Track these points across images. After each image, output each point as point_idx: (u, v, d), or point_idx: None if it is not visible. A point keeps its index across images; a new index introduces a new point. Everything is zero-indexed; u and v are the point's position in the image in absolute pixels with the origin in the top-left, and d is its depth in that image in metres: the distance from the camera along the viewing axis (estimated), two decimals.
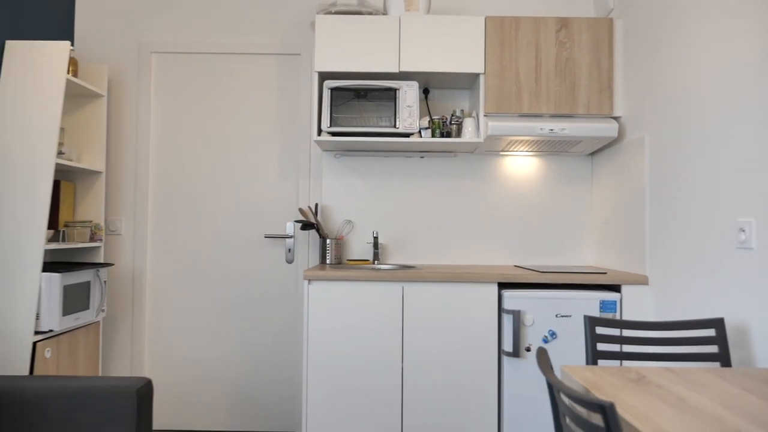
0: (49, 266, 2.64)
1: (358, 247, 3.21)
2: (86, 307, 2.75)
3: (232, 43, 3.26)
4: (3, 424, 1.77)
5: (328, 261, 3.05)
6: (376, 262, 3.11)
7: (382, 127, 2.82)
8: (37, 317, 2.47)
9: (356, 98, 2.82)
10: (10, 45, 2.64)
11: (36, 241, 2.46)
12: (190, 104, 3.28)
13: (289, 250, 3.24)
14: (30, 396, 1.79)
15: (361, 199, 3.22)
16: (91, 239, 2.98)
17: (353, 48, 2.84)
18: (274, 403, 3.23)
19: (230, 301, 3.24)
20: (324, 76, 2.92)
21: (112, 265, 2.96)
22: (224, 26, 3.29)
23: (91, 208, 3.07)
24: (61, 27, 3.16)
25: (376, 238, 3.10)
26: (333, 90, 2.82)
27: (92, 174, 3.07)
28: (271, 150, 3.27)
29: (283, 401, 3.23)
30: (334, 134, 2.85)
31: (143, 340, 3.21)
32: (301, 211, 3.07)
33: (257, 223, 3.26)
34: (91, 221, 2.97)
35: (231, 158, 3.27)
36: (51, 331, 2.51)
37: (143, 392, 1.85)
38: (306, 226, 3.02)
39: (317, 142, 2.89)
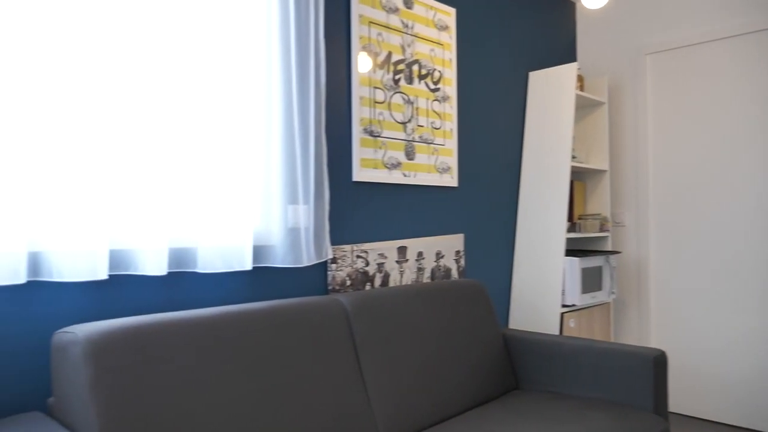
0: (568, 252, 3.18)
1: None
2: (599, 288, 3.17)
3: (729, 27, 3.16)
4: (550, 365, 2.31)
5: None
6: None
7: None
8: (562, 293, 3.02)
9: None
10: (532, 75, 3.31)
11: (559, 231, 3.02)
12: (687, 98, 3.33)
13: None
14: (567, 349, 2.27)
15: None
16: (600, 230, 3.39)
17: None
18: None
19: (739, 292, 3.13)
20: None
21: (620, 252, 3.30)
22: (720, 11, 3.21)
23: (598, 202, 3.50)
24: (566, 50, 3.71)
25: None
26: None
27: (598, 173, 3.50)
28: None
29: None
30: None
31: (649, 325, 3.43)
32: None
33: (765, 210, 3.05)
34: (599, 214, 3.40)
35: (734, 147, 3.16)
36: (573, 305, 3.02)
37: (660, 361, 2.08)
38: None
39: None
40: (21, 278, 1.41)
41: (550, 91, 3.19)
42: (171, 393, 1.38)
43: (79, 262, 1.50)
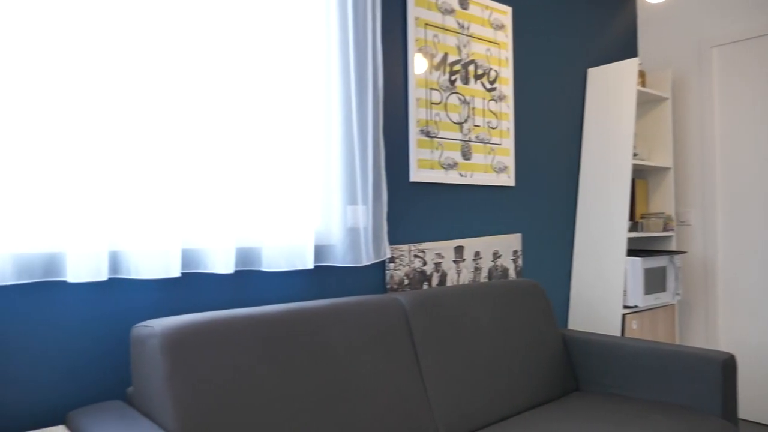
0: (630, 252, 3.10)
1: None
2: (663, 289, 3.08)
3: None
4: (611, 367, 2.27)
5: None
6: None
7: None
8: (624, 294, 2.95)
9: None
10: (591, 72, 3.25)
11: (620, 230, 2.95)
12: (756, 91, 3.19)
13: None
14: (629, 350, 2.22)
15: None
16: (664, 229, 3.29)
17: None
18: None
19: None
20: None
21: (685, 252, 3.20)
22: None
23: (661, 201, 3.40)
24: (627, 45, 3.62)
25: None
26: None
27: (661, 170, 3.40)
28: None
29: None
30: None
31: (717, 327, 3.30)
32: None
33: None
34: (663, 213, 3.30)
35: None
36: (636, 306, 2.95)
37: (729, 364, 2.02)
38: None
39: None
40: (103, 275, 1.51)
41: (610, 88, 3.13)
42: (239, 384, 1.45)
43: (155, 261, 1.60)
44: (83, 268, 1.48)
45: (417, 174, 2.37)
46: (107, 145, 1.55)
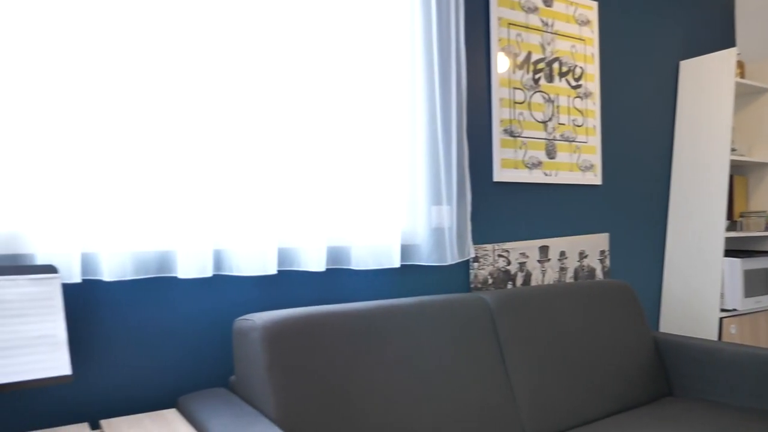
0: (729, 252, 2.95)
1: None
2: (766, 292, 2.91)
3: None
4: (708, 372, 2.18)
5: None
6: None
7: None
8: (721, 296, 2.81)
9: None
10: (683, 64, 3.11)
11: (718, 229, 2.81)
12: None
13: None
14: (728, 355, 2.12)
15: None
16: (766, 228, 3.10)
17: None
18: None
19: None
20: None
21: None
22: None
23: (764, 198, 3.20)
24: (723, 34, 3.44)
25: None
26: None
27: (763, 166, 3.21)
28: None
29: None
30: None
31: None
32: None
33: None
34: (764, 211, 3.11)
35: None
36: (734, 310, 2.80)
37: None
38: None
39: None
40: (208, 272, 1.64)
41: (705, 81, 2.98)
42: (332, 375, 1.53)
43: (254, 259, 1.71)
44: (191, 265, 1.61)
45: (501, 174, 2.37)
46: (214, 155, 1.67)
